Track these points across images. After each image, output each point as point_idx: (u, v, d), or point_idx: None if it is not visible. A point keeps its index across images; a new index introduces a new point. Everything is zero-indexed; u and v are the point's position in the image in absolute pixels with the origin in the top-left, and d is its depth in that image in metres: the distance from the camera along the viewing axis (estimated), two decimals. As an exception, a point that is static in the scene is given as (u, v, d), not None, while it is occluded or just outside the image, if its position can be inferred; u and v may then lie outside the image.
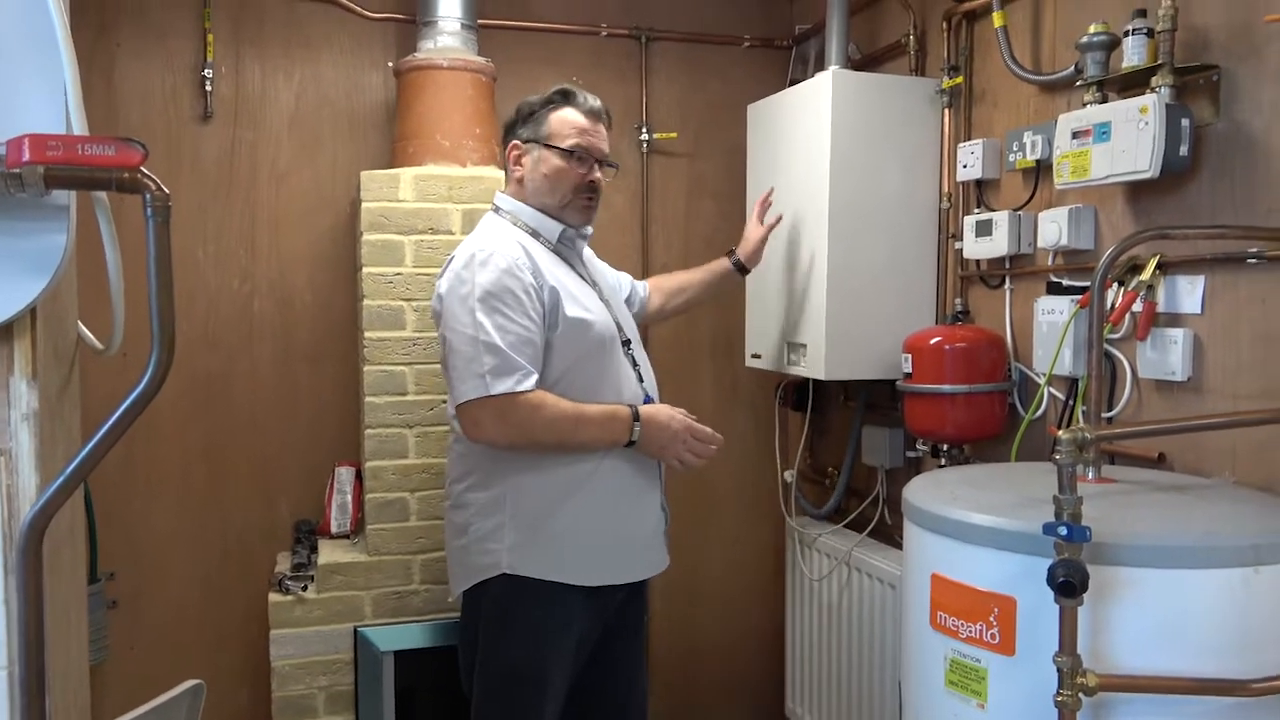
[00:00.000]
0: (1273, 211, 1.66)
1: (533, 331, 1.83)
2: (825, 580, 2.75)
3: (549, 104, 1.97)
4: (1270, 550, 1.36)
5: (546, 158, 1.95)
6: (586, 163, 1.96)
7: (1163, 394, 1.87)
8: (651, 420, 1.91)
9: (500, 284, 1.83)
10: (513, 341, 1.81)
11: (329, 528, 2.61)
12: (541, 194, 1.96)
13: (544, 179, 1.95)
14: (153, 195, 0.90)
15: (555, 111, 1.96)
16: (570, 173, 1.95)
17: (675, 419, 1.94)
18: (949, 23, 2.42)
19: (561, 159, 1.94)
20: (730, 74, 3.13)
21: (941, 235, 2.49)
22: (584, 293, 1.94)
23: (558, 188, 1.95)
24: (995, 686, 1.45)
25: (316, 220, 2.77)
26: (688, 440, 1.94)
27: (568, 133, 1.94)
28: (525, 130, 1.98)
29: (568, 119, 1.95)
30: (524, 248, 1.89)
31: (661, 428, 1.91)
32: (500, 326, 1.81)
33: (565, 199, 1.95)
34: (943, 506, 1.55)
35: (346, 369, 2.77)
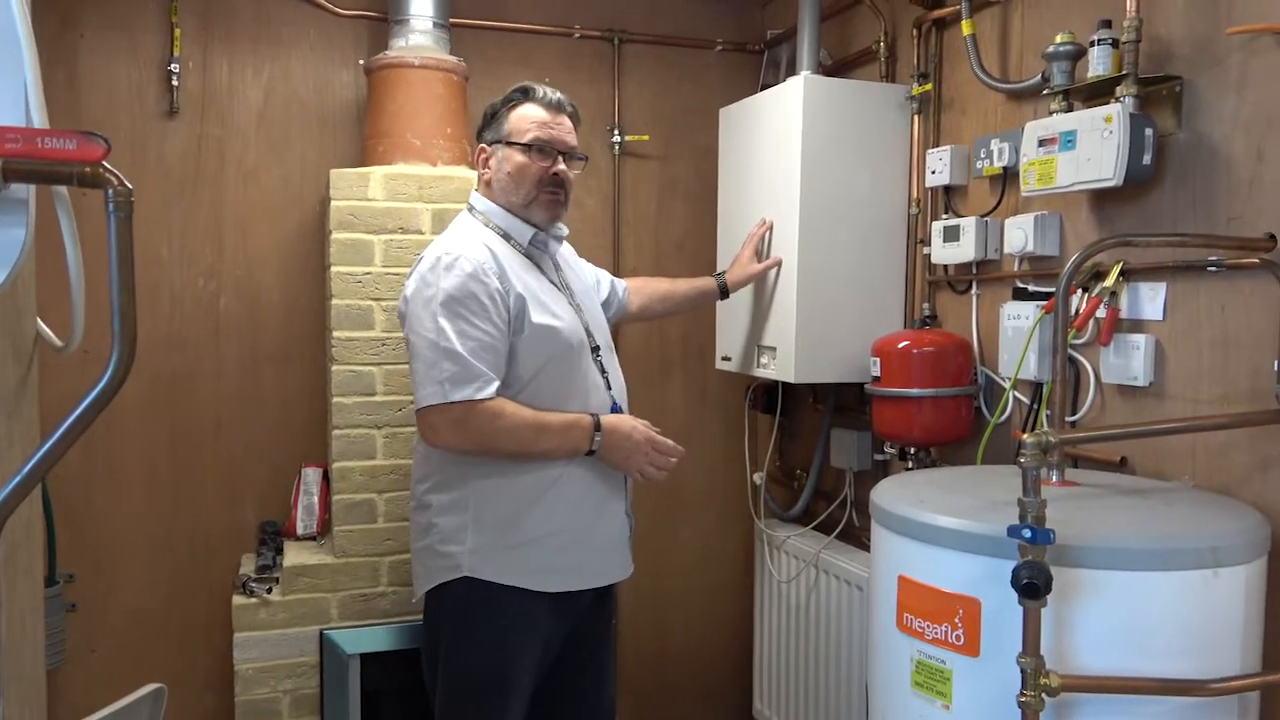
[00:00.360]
0: (1233, 221, 1.69)
1: (495, 338, 1.82)
2: (793, 582, 2.76)
3: (508, 102, 1.95)
4: (1229, 552, 1.39)
5: (508, 155, 1.93)
6: (548, 155, 1.93)
7: (1125, 398, 1.90)
8: (614, 430, 1.90)
9: (464, 289, 1.81)
10: (474, 348, 1.79)
11: (295, 529, 2.58)
12: (507, 193, 1.94)
13: (508, 177, 1.93)
14: (115, 190, 0.88)
15: (515, 109, 1.94)
16: (531, 167, 1.92)
17: (637, 430, 1.93)
18: (919, 30, 2.44)
19: (522, 154, 1.92)
20: (702, 77, 3.14)
21: (910, 240, 2.51)
22: (553, 298, 1.93)
23: (521, 184, 1.93)
24: (960, 687, 1.46)
25: (284, 219, 2.74)
26: (649, 453, 1.94)
27: (526, 127, 1.92)
28: (489, 132, 1.97)
29: (527, 114, 1.93)
30: (492, 251, 1.87)
31: (624, 438, 1.91)
32: (462, 332, 1.79)
33: (530, 195, 1.93)
34: (909, 509, 1.56)
35: (314, 369, 2.74)
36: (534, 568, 1.88)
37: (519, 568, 1.87)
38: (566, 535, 1.90)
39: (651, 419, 2.01)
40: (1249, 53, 1.66)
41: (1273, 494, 1.62)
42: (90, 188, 0.88)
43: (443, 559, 1.89)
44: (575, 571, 1.93)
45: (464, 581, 1.86)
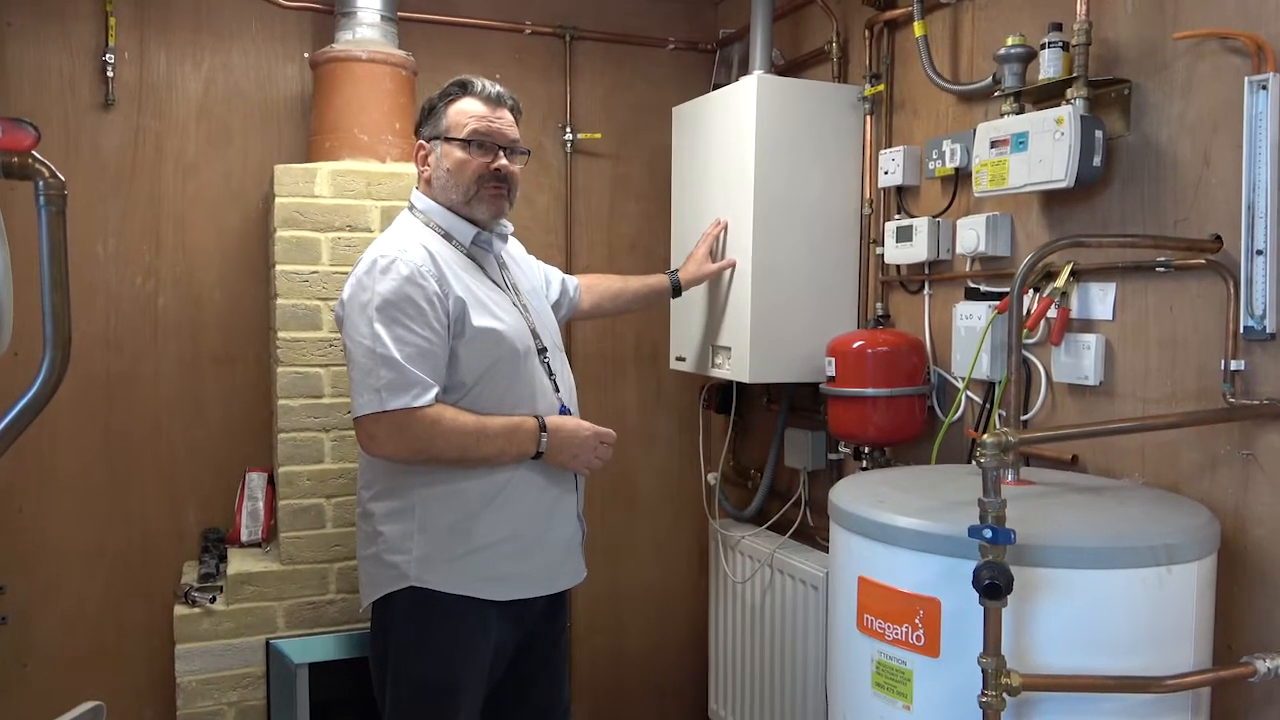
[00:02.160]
0: (1180, 222, 1.72)
1: (434, 343, 1.76)
2: (748, 582, 2.75)
3: (446, 97, 1.90)
4: (1181, 549, 1.41)
5: (447, 151, 1.87)
6: (489, 150, 1.87)
7: (1075, 397, 1.93)
8: (560, 429, 1.86)
9: (400, 293, 1.75)
10: (411, 354, 1.74)
11: (239, 536, 2.50)
12: (448, 190, 1.88)
13: (447, 174, 1.88)
14: (46, 183, 0.83)
15: (453, 103, 1.88)
16: (471, 163, 1.86)
17: (584, 426, 1.91)
18: (871, 31, 2.45)
19: (460, 150, 1.86)
20: (654, 76, 3.12)
21: (863, 240, 2.52)
22: (496, 299, 1.87)
23: (460, 180, 1.87)
24: (920, 688, 1.46)
25: (226, 215, 2.66)
26: (598, 446, 1.92)
27: (465, 121, 1.86)
28: (426, 128, 1.91)
29: (465, 109, 1.87)
30: (430, 252, 1.82)
31: (571, 435, 1.88)
32: (399, 338, 1.74)
33: (470, 191, 1.87)
34: (868, 509, 1.56)
35: (258, 371, 2.67)
36: (483, 575, 1.84)
37: (468, 576, 1.83)
38: (516, 542, 1.86)
39: (605, 420, 1.99)
40: (1195, 56, 1.69)
41: (1220, 491, 1.65)
42: (19, 179, 0.83)
43: (389, 568, 1.84)
44: (525, 579, 1.89)
45: (411, 591, 1.81)
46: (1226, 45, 1.63)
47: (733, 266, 2.46)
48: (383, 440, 1.77)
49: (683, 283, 2.45)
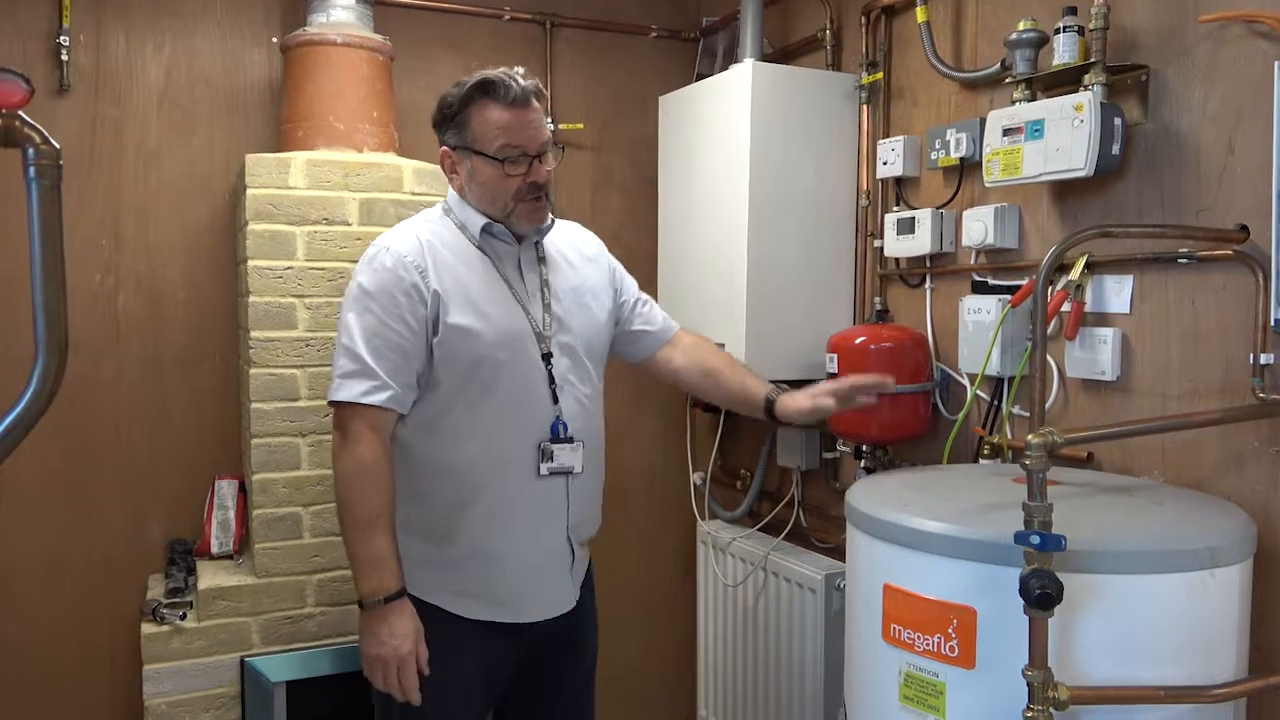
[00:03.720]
0: (1201, 213, 1.67)
1: (405, 337, 1.65)
2: (741, 586, 2.68)
3: (468, 102, 1.69)
4: (1224, 552, 1.35)
5: (479, 167, 1.71)
6: (521, 163, 1.69)
7: (1090, 393, 1.87)
8: (387, 619, 1.61)
9: (377, 283, 1.67)
10: (378, 347, 1.64)
11: (209, 547, 2.36)
12: (483, 204, 1.74)
13: (481, 189, 1.73)
14: (37, 150, 0.71)
15: (477, 111, 1.69)
16: (505, 181, 1.70)
17: (404, 641, 1.62)
18: (867, 18, 2.38)
19: (492, 167, 1.69)
20: (636, 65, 3.03)
21: (859, 233, 2.45)
22: (491, 295, 1.72)
23: (497, 198, 1.72)
24: (954, 701, 1.39)
25: (191, 208, 2.51)
26: (388, 670, 1.63)
27: (493, 135, 1.68)
28: (451, 135, 1.74)
29: (490, 119, 1.68)
30: (424, 242, 1.70)
31: (385, 635, 1.61)
32: (366, 329, 1.65)
33: (508, 208, 1.73)
34: (895, 514, 1.49)
35: (226, 372, 2.53)
36: (452, 590, 1.72)
37: (439, 587, 1.72)
38: (484, 560, 1.72)
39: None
40: (1218, 42, 1.64)
41: (1247, 489, 1.60)
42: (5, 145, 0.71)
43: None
44: (491, 601, 1.74)
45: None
46: (1253, 29, 1.58)
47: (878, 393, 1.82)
48: (334, 431, 1.69)
49: (782, 411, 1.84)
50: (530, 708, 1.87)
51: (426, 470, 1.71)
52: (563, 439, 1.73)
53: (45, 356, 0.68)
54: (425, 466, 1.71)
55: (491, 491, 1.71)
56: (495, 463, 1.71)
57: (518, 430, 1.71)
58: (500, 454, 1.71)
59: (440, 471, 1.71)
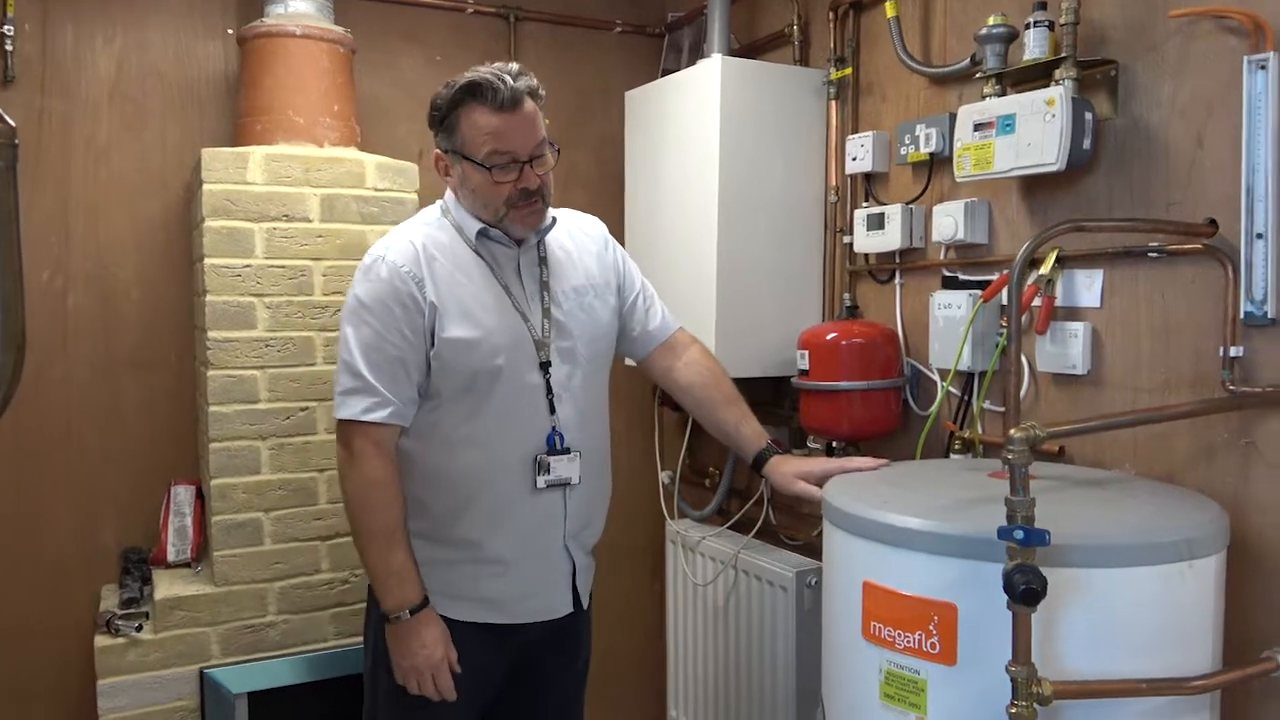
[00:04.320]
0: (1171, 206, 1.68)
1: (403, 350, 1.63)
2: (711, 585, 2.65)
3: (455, 105, 1.63)
4: (1201, 544, 1.35)
5: (469, 172, 1.65)
6: (511, 170, 1.63)
7: (1061, 387, 1.88)
8: (419, 630, 1.63)
9: (374, 295, 1.64)
10: (376, 361, 1.62)
11: (165, 556, 2.29)
12: (476, 209, 1.70)
13: (473, 195, 1.68)
14: None
15: (464, 115, 1.62)
16: (495, 188, 1.64)
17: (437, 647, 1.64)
18: (835, 13, 2.37)
19: (481, 173, 1.64)
20: (601, 61, 2.99)
21: (828, 229, 2.45)
22: (487, 302, 1.68)
23: (489, 203, 1.67)
24: (935, 697, 1.38)
25: (143, 204, 2.43)
26: (425, 675, 1.64)
27: (480, 140, 1.61)
28: (442, 137, 1.69)
29: (478, 123, 1.61)
30: (419, 251, 1.66)
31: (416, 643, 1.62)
32: (364, 343, 1.63)
33: (500, 213, 1.68)
34: (874, 511, 1.47)
35: (183, 374, 2.45)
36: (444, 592, 1.70)
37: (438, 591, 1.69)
38: (478, 565, 1.70)
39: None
40: (1188, 36, 1.65)
41: (1218, 481, 1.61)
42: None
43: None
44: (483, 605, 1.72)
45: None
46: (1221, 24, 1.59)
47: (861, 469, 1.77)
48: (338, 446, 1.67)
49: (770, 475, 1.84)
50: (522, 708, 1.85)
51: (423, 476, 1.68)
52: (559, 450, 1.71)
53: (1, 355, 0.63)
54: (422, 473, 1.68)
55: (487, 499, 1.68)
56: (492, 472, 1.68)
57: (514, 442, 1.69)
58: (497, 464, 1.68)
59: (437, 478, 1.68)
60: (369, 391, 1.62)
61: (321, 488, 2.22)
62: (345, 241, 2.22)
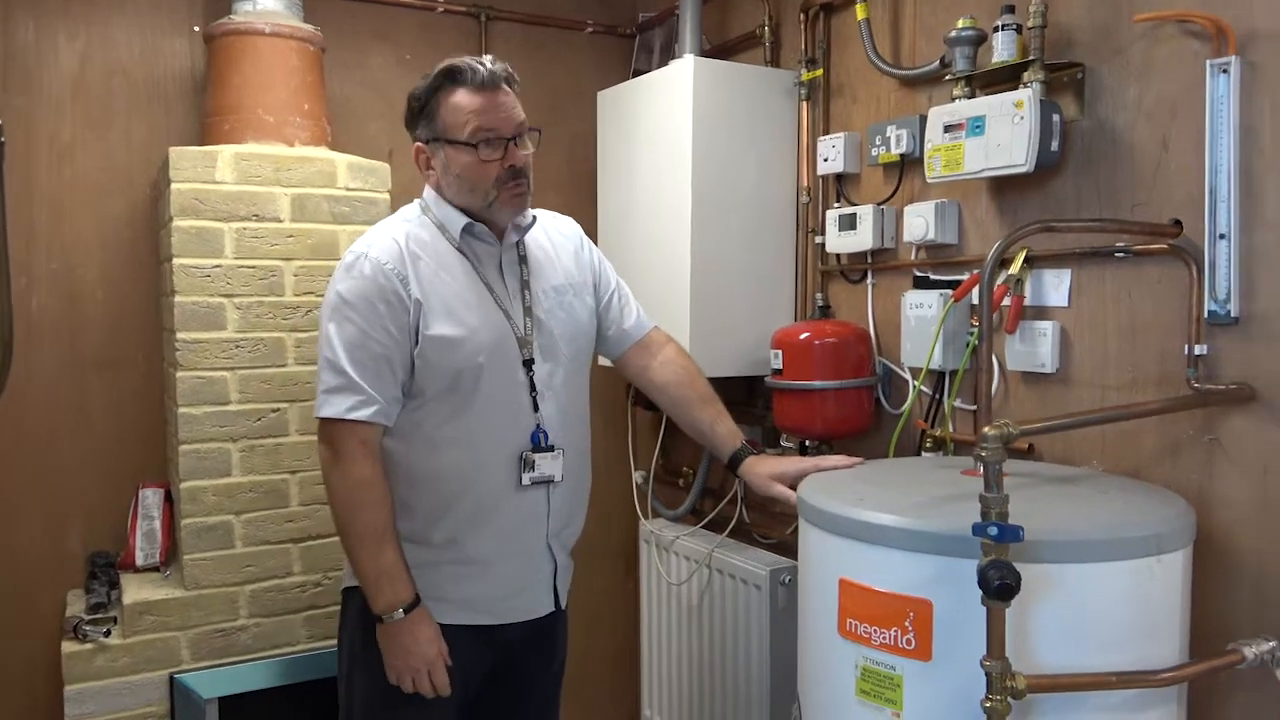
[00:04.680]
0: (1137, 207, 1.71)
1: (388, 347, 1.61)
2: (685, 584, 2.66)
3: (435, 91, 1.65)
4: (1168, 539, 1.38)
5: (453, 156, 1.65)
6: (497, 146, 1.63)
7: (1030, 386, 1.91)
8: (411, 628, 1.61)
9: (357, 292, 1.62)
10: (360, 359, 1.60)
11: (134, 560, 2.25)
12: (463, 196, 1.69)
13: (458, 180, 1.67)
14: None
15: (444, 98, 1.64)
16: (482, 167, 1.64)
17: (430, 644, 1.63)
18: (806, 15, 2.39)
19: (467, 153, 1.64)
20: (572, 61, 2.99)
21: (799, 229, 2.46)
22: (471, 300, 1.67)
23: (476, 186, 1.66)
24: (911, 693, 1.39)
25: (108, 204, 2.39)
26: (420, 671, 1.63)
27: (463, 119, 1.62)
28: (422, 128, 1.68)
29: (459, 104, 1.63)
30: (402, 248, 1.65)
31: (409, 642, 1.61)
32: (348, 340, 1.61)
33: (489, 196, 1.67)
34: (848, 509, 1.48)
35: (151, 375, 2.41)
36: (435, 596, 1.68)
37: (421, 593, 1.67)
38: (462, 565, 1.69)
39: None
40: (1152, 40, 1.68)
41: (1183, 476, 1.65)
42: None
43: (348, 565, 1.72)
44: (467, 605, 1.71)
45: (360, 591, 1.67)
46: (1185, 28, 1.62)
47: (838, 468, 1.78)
48: (320, 446, 1.65)
49: (745, 474, 1.86)
50: (502, 710, 1.84)
51: (406, 477, 1.67)
52: (543, 448, 1.71)
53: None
54: (405, 473, 1.67)
55: (472, 500, 1.68)
56: (476, 471, 1.68)
57: (498, 439, 1.68)
58: (481, 462, 1.68)
59: (421, 479, 1.67)
60: (353, 389, 1.60)
61: (293, 490, 2.20)
62: (317, 241, 2.20)
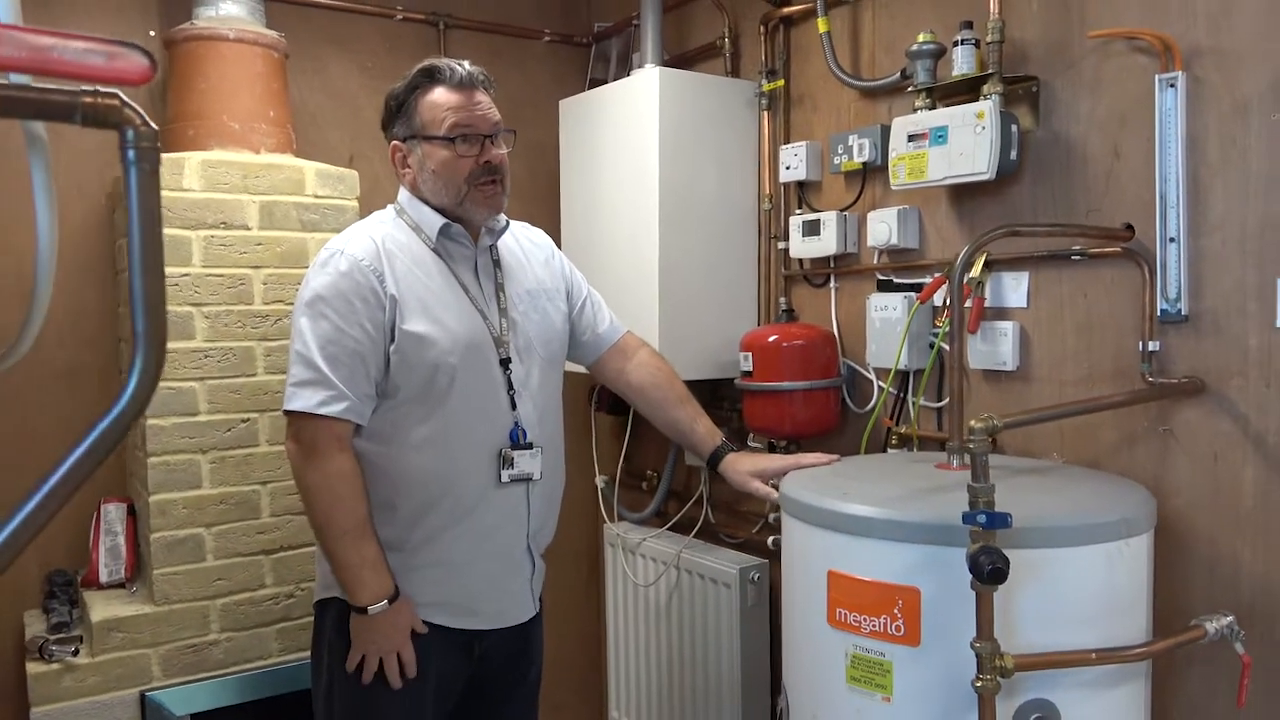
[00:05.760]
0: (1091, 213, 1.81)
1: (363, 344, 1.61)
2: (653, 585, 2.70)
3: (413, 89, 1.69)
4: (1135, 523, 1.47)
5: (430, 152, 1.68)
6: (474, 143, 1.67)
7: (991, 383, 2.00)
8: (388, 620, 1.61)
9: (333, 288, 1.62)
10: (334, 354, 1.60)
11: (98, 577, 2.19)
12: (437, 193, 1.70)
13: (434, 176, 1.69)
14: (137, 132, 0.67)
15: (423, 95, 1.68)
16: (458, 163, 1.67)
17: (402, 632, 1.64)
18: (766, 27, 2.45)
19: (444, 148, 1.67)
20: (531, 69, 3.02)
21: (762, 235, 2.53)
22: (447, 300, 1.69)
23: (451, 182, 1.69)
24: (901, 678, 1.45)
25: (64, 211, 2.32)
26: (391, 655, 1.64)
27: (441, 116, 1.67)
28: (399, 126, 1.71)
29: (437, 101, 1.67)
30: (378, 243, 1.66)
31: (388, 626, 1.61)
32: (322, 335, 1.60)
33: (462, 191, 1.69)
34: (835, 503, 1.54)
35: (107, 387, 2.36)
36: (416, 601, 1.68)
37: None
38: (441, 568, 1.70)
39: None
40: (1103, 55, 1.78)
41: (1138, 466, 1.75)
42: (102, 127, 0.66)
43: (323, 576, 1.72)
44: (448, 608, 1.72)
45: (338, 602, 1.67)
46: (1134, 45, 1.73)
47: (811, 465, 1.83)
48: (288, 442, 1.63)
49: (725, 471, 1.89)
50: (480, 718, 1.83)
51: (386, 480, 1.66)
52: (522, 445, 1.72)
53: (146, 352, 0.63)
54: (385, 476, 1.66)
55: (452, 500, 1.68)
56: (456, 471, 1.68)
57: (478, 437, 1.69)
58: (461, 462, 1.68)
59: (401, 481, 1.66)
60: (325, 384, 1.59)
61: (264, 501, 2.18)
62: (285, 249, 2.19)
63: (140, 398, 0.65)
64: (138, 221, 0.68)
